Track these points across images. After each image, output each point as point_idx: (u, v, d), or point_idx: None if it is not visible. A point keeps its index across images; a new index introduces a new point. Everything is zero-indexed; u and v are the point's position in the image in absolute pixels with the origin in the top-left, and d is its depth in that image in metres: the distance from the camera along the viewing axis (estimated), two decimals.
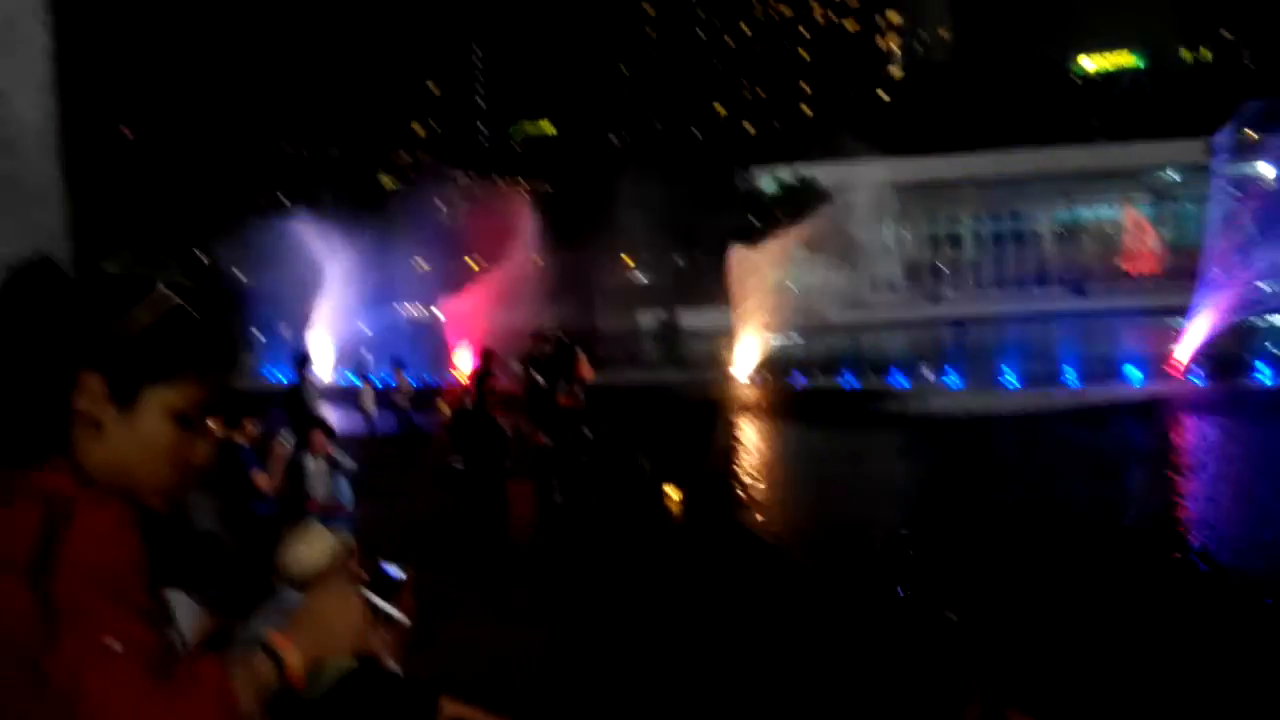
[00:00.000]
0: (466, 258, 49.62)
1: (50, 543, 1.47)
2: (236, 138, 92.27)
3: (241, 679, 1.55)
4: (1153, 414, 21.65)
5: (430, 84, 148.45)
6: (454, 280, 43.31)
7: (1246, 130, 68.66)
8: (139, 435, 1.56)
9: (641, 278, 64.10)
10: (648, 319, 56.83)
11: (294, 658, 1.64)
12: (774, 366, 36.20)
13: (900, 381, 28.57)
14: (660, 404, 27.18)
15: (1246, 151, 64.40)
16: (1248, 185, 61.04)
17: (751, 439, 22.19)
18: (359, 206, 52.57)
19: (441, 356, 40.22)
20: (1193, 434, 20.32)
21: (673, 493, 14.70)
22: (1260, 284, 57.36)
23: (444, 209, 65.40)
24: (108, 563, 1.49)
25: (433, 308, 46.09)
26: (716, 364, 34.69)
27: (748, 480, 16.82)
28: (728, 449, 20.51)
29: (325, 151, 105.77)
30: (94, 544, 1.49)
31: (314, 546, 4.74)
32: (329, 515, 9.19)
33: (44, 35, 1.84)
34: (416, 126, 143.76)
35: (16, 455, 1.52)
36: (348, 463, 10.06)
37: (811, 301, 61.46)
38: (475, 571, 10.29)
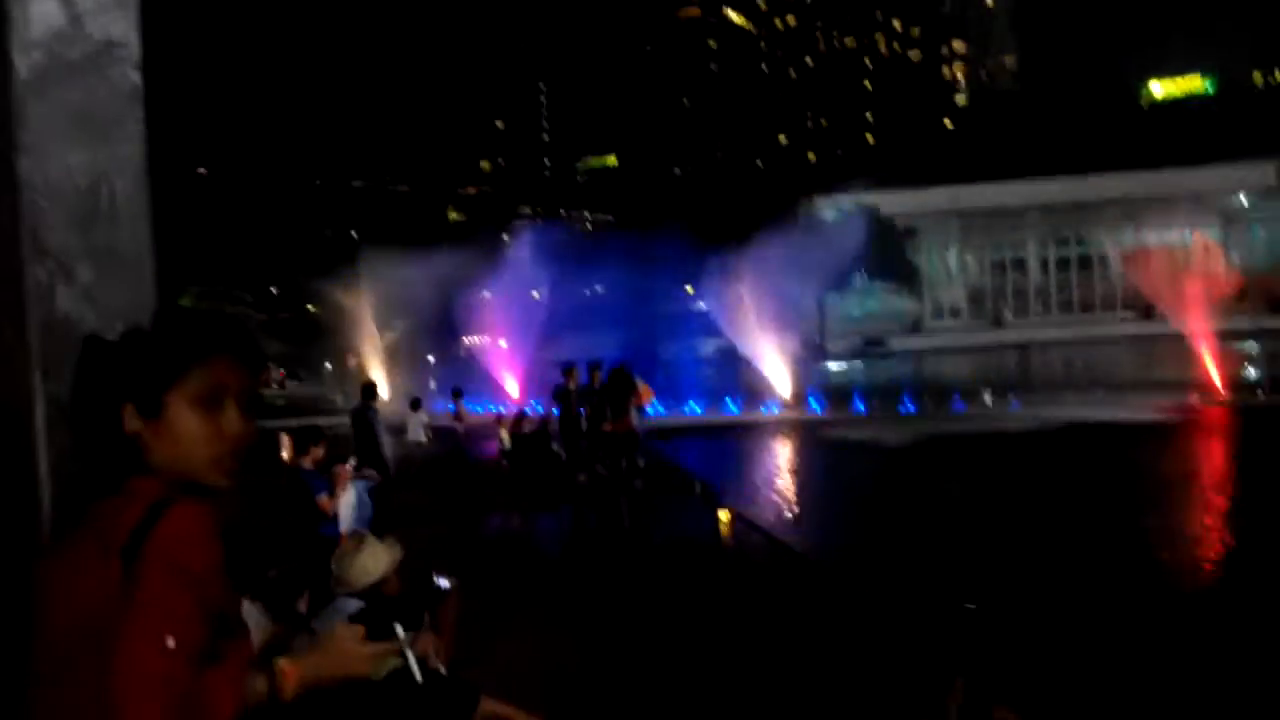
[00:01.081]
0: (530, 290, 50.42)
1: (144, 534, 1.84)
2: (309, 175, 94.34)
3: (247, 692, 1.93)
4: (1214, 432, 21.67)
5: (498, 121, 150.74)
6: (518, 312, 44.06)
7: None
8: (176, 432, 1.97)
9: (703, 306, 64.48)
10: (709, 347, 57.14)
11: (291, 684, 2.02)
12: (835, 391, 36.44)
13: (960, 406, 28.77)
14: (719, 430, 27.61)
15: None
16: None
17: (809, 462, 22.46)
18: (426, 240, 53.71)
19: (501, 385, 40.97)
20: (1235, 453, 20.24)
21: (724, 516, 15.06)
22: None
23: (508, 242, 66.40)
24: (188, 560, 1.85)
25: (497, 338, 46.89)
26: (776, 391, 34.98)
27: (793, 500, 17.16)
28: (784, 472, 20.83)
29: (394, 187, 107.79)
30: (181, 542, 1.85)
31: (371, 558, 5.34)
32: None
33: (140, 125, 2.39)
34: (484, 163, 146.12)
35: (111, 482, 1.95)
36: (371, 477, 10.65)
37: (874, 328, 61.39)
38: (528, 589, 10.77)
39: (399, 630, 3.94)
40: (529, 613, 9.70)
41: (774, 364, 36.27)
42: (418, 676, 4.25)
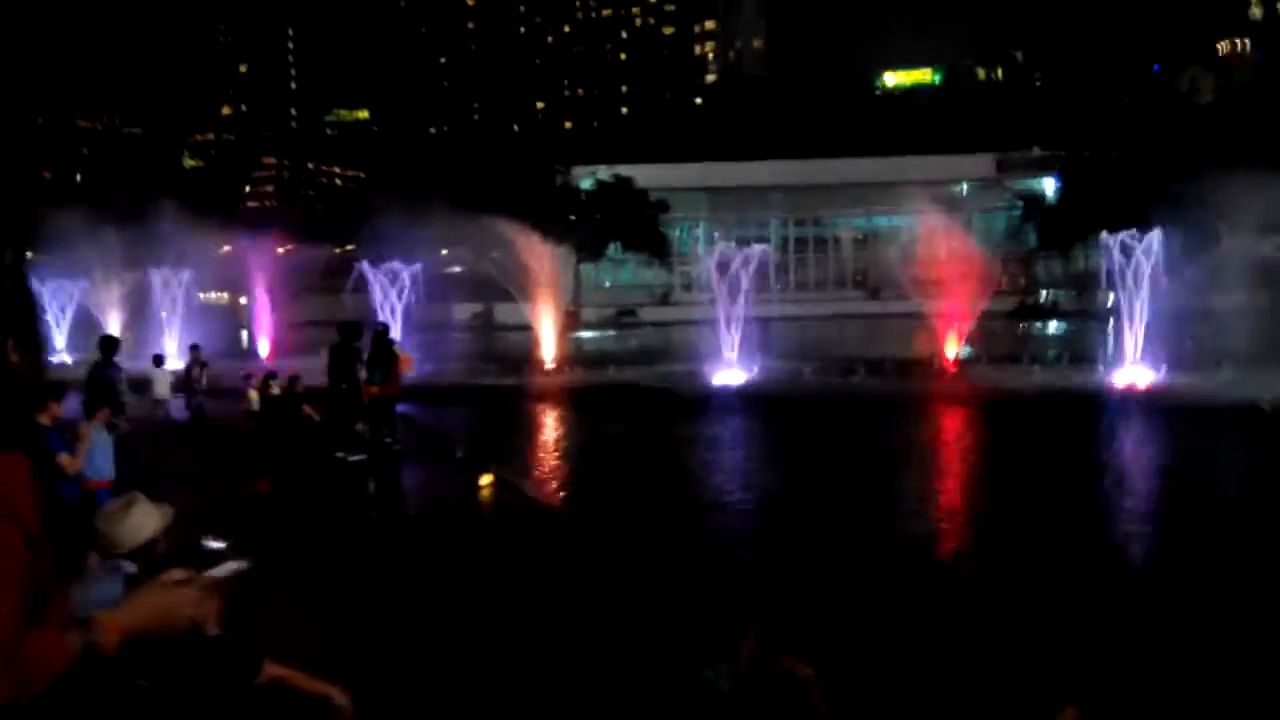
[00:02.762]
0: (276, 244, 48.36)
1: None
2: (35, 113, 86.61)
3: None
4: (926, 408, 23.51)
5: (241, 65, 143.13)
6: (262, 266, 42.18)
7: (1033, 148, 73.59)
8: (36, 363, 2.05)
9: (458, 270, 63.89)
10: (464, 312, 56.70)
11: (113, 637, 1.99)
12: (589, 360, 36.96)
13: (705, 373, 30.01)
14: (478, 395, 27.52)
15: (1031, 168, 69.01)
16: (1031, 200, 65.60)
17: (563, 429, 22.71)
18: (160, 187, 50.53)
19: (245, 344, 39.25)
20: (955, 427, 22.06)
21: (485, 480, 15.07)
22: (1041, 290, 61.71)
23: (252, 193, 63.39)
24: (18, 507, 1.82)
25: (238, 294, 44.75)
26: (532, 358, 35.19)
27: (555, 465, 17.38)
28: (540, 438, 21.00)
29: (125, 129, 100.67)
30: (8, 487, 1.83)
31: (142, 518, 5.04)
32: (102, 486, 9.31)
33: None
34: (225, 108, 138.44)
35: None
36: (121, 427, 10.14)
37: (627, 298, 62.64)
38: (292, 556, 10.45)
39: (228, 566, 3.75)
40: (299, 579, 9.45)
41: (532, 330, 36.47)
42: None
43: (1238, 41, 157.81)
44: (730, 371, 30.38)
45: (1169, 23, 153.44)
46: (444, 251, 54.53)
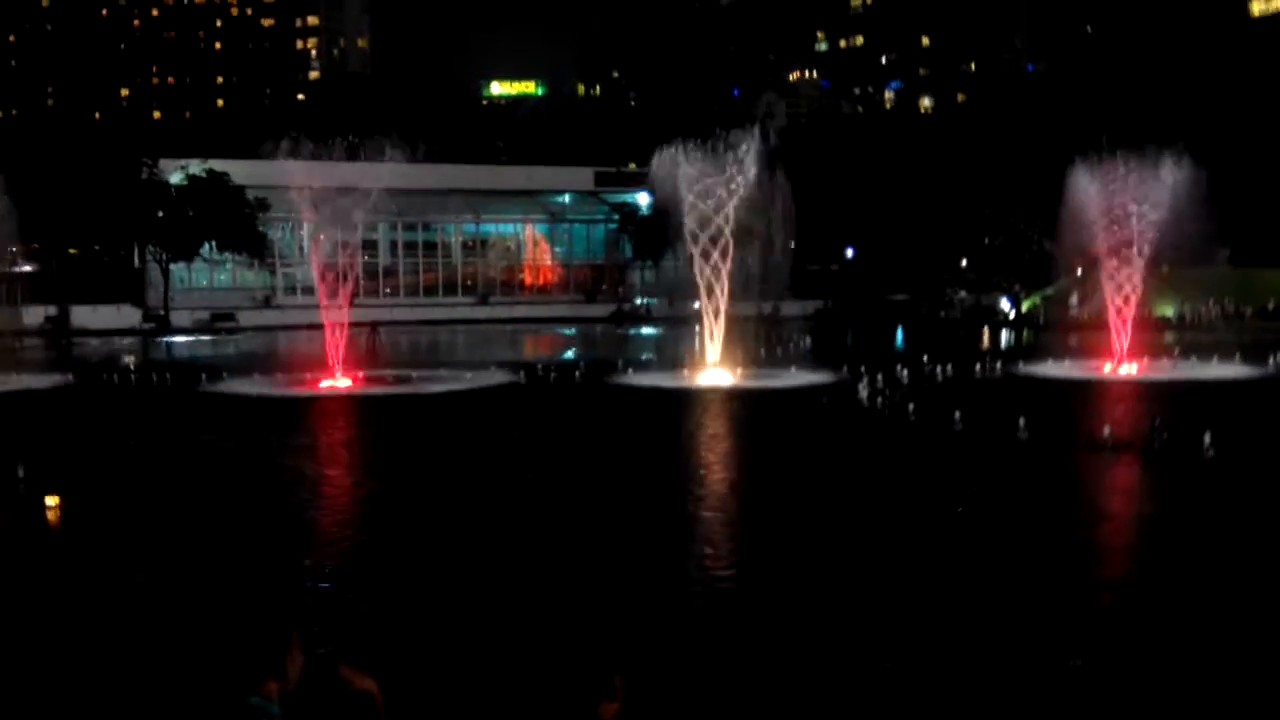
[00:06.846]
0: None
1: None
2: None
3: None
4: (532, 406, 24.64)
5: None
6: None
7: (629, 163, 77.64)
8: None
9: (27, 269, 57.94)
10: (35, 315, 51.55)
11: None
12: (180, 367, 34.93)
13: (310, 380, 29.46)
14: (49, 407, 25.27)
15: (626, 182, 72.77)
16: (626, 212, 69.19)
17: (147, 442, 21.35)
18: None
19: None
20: (555, 422, 23.12)
21: (51, 502, 14.01)
22: (636, 297, 65.40)
23: None
24: None
25: None
26: (114, 365, 32.75)
27: (133, 482, 16.39)
28: (120, 453, 19.61)
29: None
30: None
31: None
32: None
33: None
34: None
35: None
36: None
37: (223, 301, 59.54)
38: None
39: None
40: None
41: (114, 335, 33.96)
42: None
43: (806, 71, 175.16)
44: (336, 377, 29.92)
45: (748, 53, 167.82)
46: (13, 249, 49.32)
